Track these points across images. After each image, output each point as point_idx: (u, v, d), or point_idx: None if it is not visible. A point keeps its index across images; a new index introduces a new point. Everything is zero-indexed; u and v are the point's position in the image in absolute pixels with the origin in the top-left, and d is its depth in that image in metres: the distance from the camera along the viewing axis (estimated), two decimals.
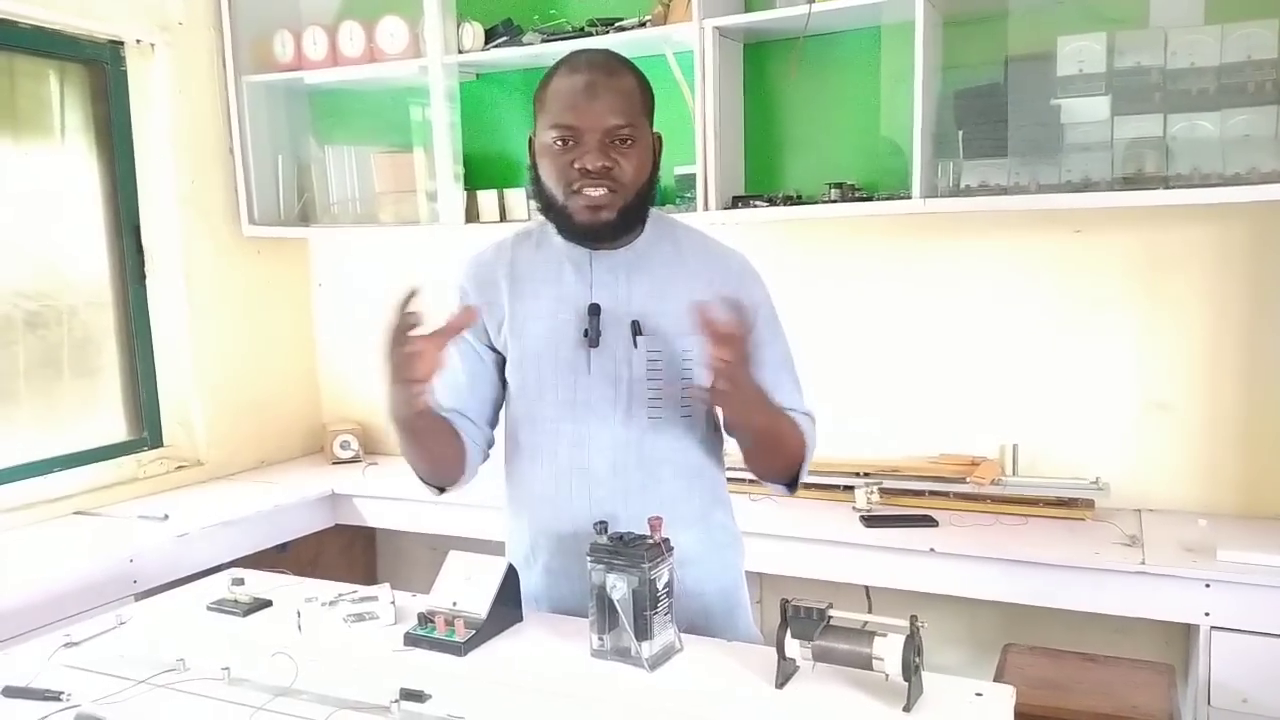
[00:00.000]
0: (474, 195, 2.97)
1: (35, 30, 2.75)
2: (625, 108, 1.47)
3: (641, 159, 1.50)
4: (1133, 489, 2.53)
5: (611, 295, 1.56)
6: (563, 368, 1.56)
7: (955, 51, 2.50)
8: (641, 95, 1.52)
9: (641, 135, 1.50)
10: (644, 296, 1.56)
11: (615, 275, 1.56)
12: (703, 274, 1.57)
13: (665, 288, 1.56)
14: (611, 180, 1.47)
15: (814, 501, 2.65)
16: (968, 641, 2.77)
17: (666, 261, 1.58)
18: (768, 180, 2.78)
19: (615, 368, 1.55)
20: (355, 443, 3.31)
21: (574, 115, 1.46)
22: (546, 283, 1.59)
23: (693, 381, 1.55)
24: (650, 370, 1.54)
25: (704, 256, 1.60)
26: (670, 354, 1.55)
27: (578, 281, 1.57)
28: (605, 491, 1.57)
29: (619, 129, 1.46)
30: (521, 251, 1.62)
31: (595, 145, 1.45)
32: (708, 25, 2.55)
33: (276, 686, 1.41)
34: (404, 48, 2.94)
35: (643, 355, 1.54)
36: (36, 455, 2.78)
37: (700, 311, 1.35)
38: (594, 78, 1.47)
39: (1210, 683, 2.10)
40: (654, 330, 1.54)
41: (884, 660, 1.28)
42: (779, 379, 1.60)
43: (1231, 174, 2.19)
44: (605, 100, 1.46)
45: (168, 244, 3.07)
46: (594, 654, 1.47)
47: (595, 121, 1.45)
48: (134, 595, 2.35)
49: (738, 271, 1.60)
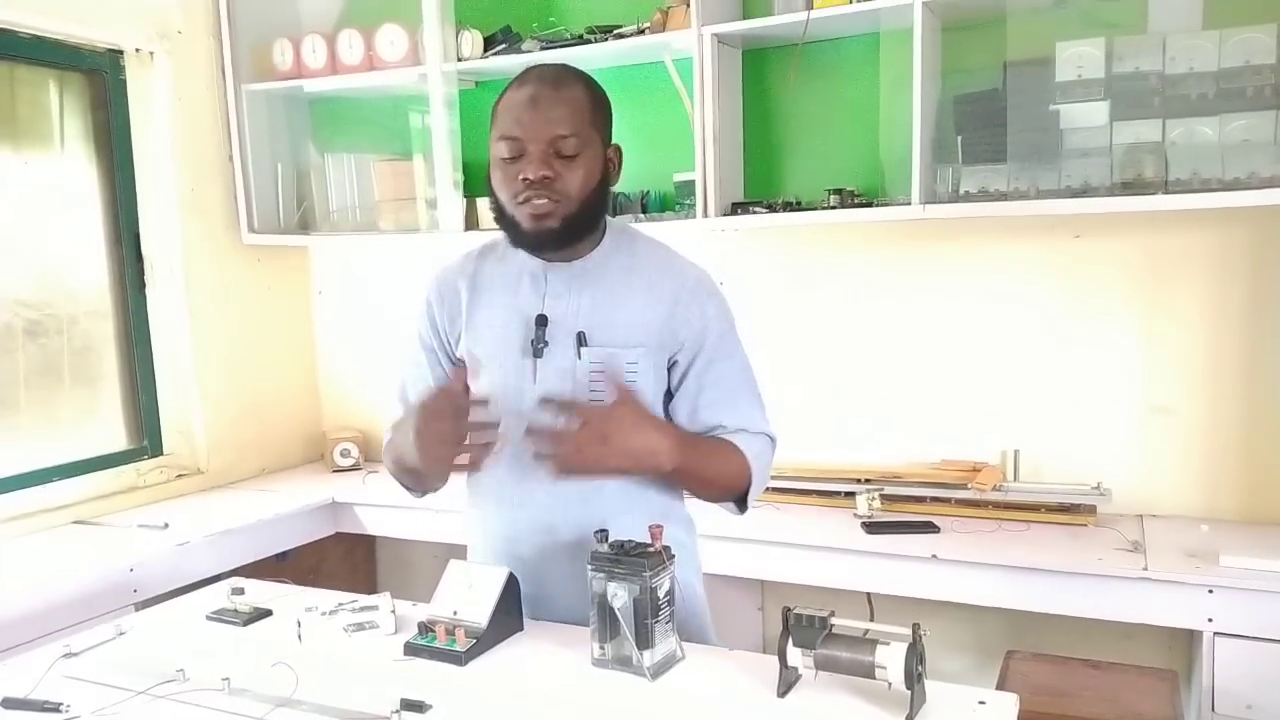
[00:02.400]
0: (473, 202, 2.97)
1: (35, 39, 2.75)
2: (569, 118, 1.49)
3: (588, 170, 1.51)
4: (1135, 495, 2.52)
5: (562, 306, 1.58)
6: (510, 376, 1.59)
7: (954, 57, 2.50)
8: (591, 106, 1.53)
9: (588, 145, 1.51)
10: (593, 308, 1.58)
11: (568, 287, 1.59)
12: (656, 287, 1.58)
13: (616, 299, 1.58)
14: (553, 190, 1.49)
15: (815, 508, 2.65)
16: (970, 648, 2.76)
17: (621, 273, 1.59)
18: (767, 186, 2.78)
19: (559, 379, 1.56)
20: (356, 450, 3.31)
21: (518, 127, 1.49)
22: (504, 292, 1.62)
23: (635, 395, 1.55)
24: (593, 381, 1.55)
25: (660, 270, 1.61)
26: (614, 366, 1.56)
27: (532, 292, 1.60)
28: (547, 500, 1.58)
29: (561, 139, 1.48)
30: (485, 263, 1.67)
31: (538, 156, 1.48)
32: (706, 32, 2.55)
33: (277, 697, 1.40)
34: (403, 56, 2.94)
35: (585, 366, 1.56)
36: (36, 464, 2.77)
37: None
38: (539, 90, 1.50)
39: (1214, 689, 2.10)
40: (601, 341, 1.56)
41: (886, 669, 1.28)
42: (732, 397, 1.61)
43: (1231, 179, 2.19)
44: (548, 111, 1.48)
45: (168, 252, 3.07)
46: (595, 663, 1.46)
47: (537, 132, 1.48)
48: (134, 605, 2.35)
49: (691, 286, 1.60)
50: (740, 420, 1.60)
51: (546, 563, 1.61)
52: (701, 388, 1.60)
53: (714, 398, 1.60)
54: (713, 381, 1.59)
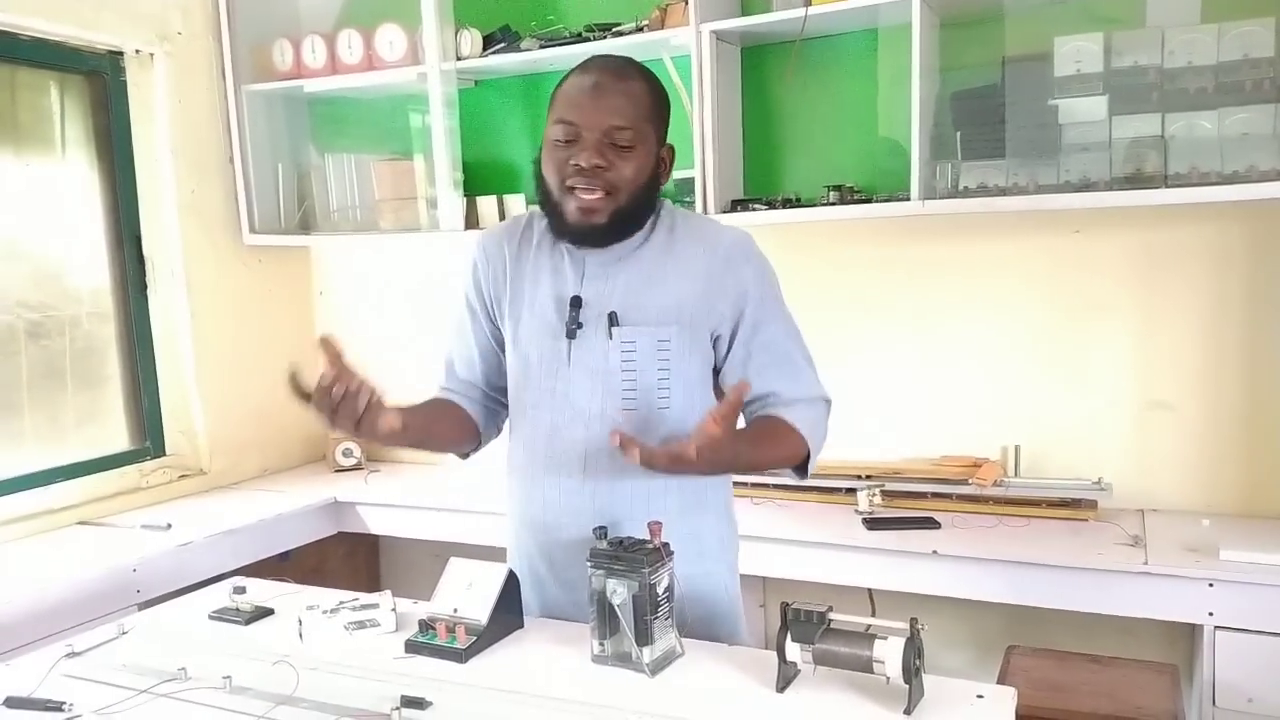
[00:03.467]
0: (473, 201, 2.98)
1: (36, 42, 2.76)
2: (628, 110, 1.48)
3: (641, 164, 1.51)
4: (1135, 489, 2.52)
5: (597, 288, 1.57)
6: (546, 357, 1.59)
7: (952, 53, 2.50)
8: (651, 102, 1.53)
9: (643, 141, 1.51)
10: (627, 289, 1.57)
11: (605, 268, 1.58)
12: (689, 263, 1.57)
13: (652, 280, 1.57)
14: (605, 182, 1.48)
15: (816, 504, 2.65)
16: (971, 644, 2.76)
17: (658, 254, 1.58)
18: (766, 183, 2.78)
19: (593, 360, 1.56)
20: (357, 450, 3.32)
21: (576, 113, 1.48)
22: (543, 271, 1.62)
23: (669, 373, 1.55)
24: (625, 361, 1.55)
25: (694, 241, 1.59)
26: (647, 344, 1.55)
27: (572, 272, 1.60)
28: (575, 484, 1.58)
29: (618, 130, 1.48)
30: (531, 233, 1.65)
31: (593, 144, 1.47)
32: (705, 29, 2.55)
33: (278, 695, 1.41)
34: (403, 55, 2.95)
35: (618, 346, 1.55)
36: (39, 465, 2.78)
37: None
38: (601, 79, 1.49)
39: (1215, 683, 2.10)
40: (634, 321, 1.55)
41: (884, 663, 1.28)
42: (783, 362, 1.58)
43: (1230, 172, 2.19)
44: (608, 101, 1.48)
45: (169, 253, 3.07)
46: (595, 659, 1.47)
47: (595, 120, 1.47)
48: (137, 605, 2.35)
49: (724, 255, 1.57)
50: (793, 387, 1.58)
51: (574, 541, 1.58)
52: (750, 354, 1.58)
53: (764, 363, 1.57)
54: (760, 347, 1.57)
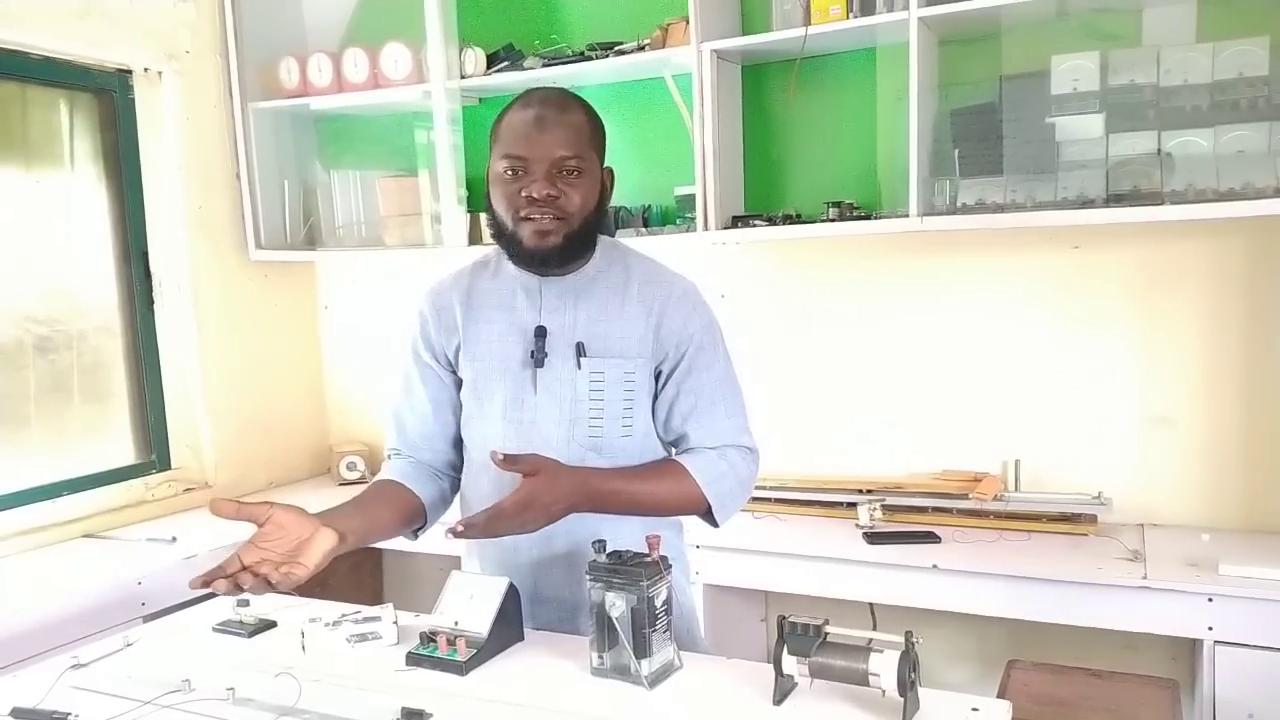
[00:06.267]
0: (477, 217, 3.00)
1: (45, 60, 2.79)
2: (573, 140, 1.54)
3: (588, 190, 1.56)
4: (1135, 504, 2.53)
5: (559, 319, 1.62)
6: (511, 386, 1.62)
7: (951, 71, 2.53)
8: (591, 130, 1.58)
9: (588, 167, 1.56)
10: (589, 320, 1.61)
11: (563, 300, 1.62)
12: (646, 300, 1.62)
13: (610, 313, 1.61)
14: (557, 209, 1.53)
15: (817, 519, 2.66)
16: (972, 658, 2.77)
17: (614, 287, 1.63)
18: (767, 200, 2.81)
19: (560, 387, 1.60)
20: (361, 463, 3.33)
21: (524, 146, 1.52)
22: (499, 308, 1.65)
23: (633, 404, 1.60)
24: (593, 390, 1.59)
25: (649, 283, 1.64)
26: (613, 376, 1.60)
27: (528, 306, 1.63)
28: None
29: (565, 160, 1.52)
30: (478, 279, 1.70)
31: (542, 175, 1.52)
32: (706, 48, 2.58)
33: (280, 706, 1.42)
34: (408, 73, 2.98)
35: (586, 376, 1.60)
36: (46, 479, 2.80)
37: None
38: (544, 112, 1.54)
39: (1215, 698, 2.10)
40: (599, 353, 1.60)
41: (880, 676, 1.29)
42: (705, 409, 1.63)
43: (1226, 189, 2.21)
44: (554, 133, 1.52)
45: (176, 269, 3.10)
46: (594, 672, 1.48)
47: (543, 152, 1.52)
48: (142, 617, 2.37)
49: (677, 297, 1.63)
50: (708, 434, 1.63)
51: (543, 570, 1.64)
52: (678, 395, 1.63)
53: (686, 407, 1.62)
54: (689, 390, 1.62)
